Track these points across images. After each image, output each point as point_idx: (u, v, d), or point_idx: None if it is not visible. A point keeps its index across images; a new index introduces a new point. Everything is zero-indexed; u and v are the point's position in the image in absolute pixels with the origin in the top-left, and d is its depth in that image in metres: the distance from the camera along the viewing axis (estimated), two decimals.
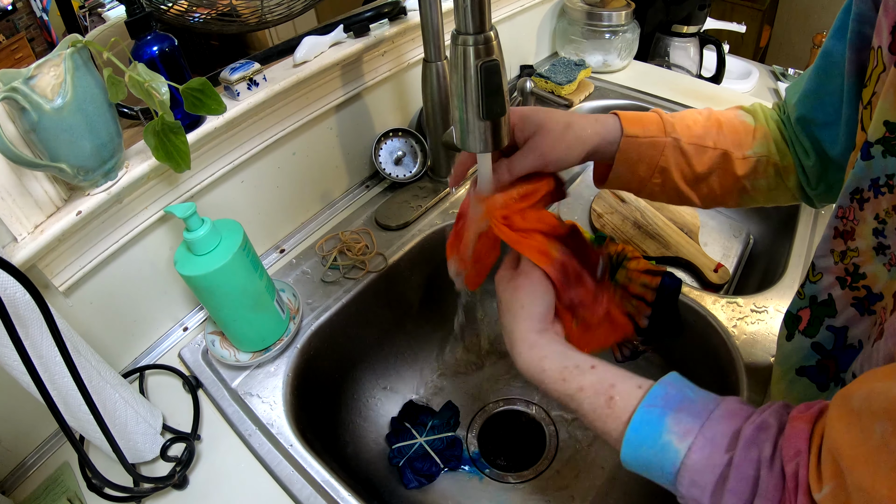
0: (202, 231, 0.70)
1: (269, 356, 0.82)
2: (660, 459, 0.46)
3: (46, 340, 0.59)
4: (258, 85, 0.83)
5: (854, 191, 0.49)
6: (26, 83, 0.60)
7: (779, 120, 0.70)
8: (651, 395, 0.49)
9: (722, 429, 0.45)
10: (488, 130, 0.61)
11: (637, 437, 0.48)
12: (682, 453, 0.45)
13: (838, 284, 0.52)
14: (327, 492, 0.69)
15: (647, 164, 0.68)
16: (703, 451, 0.44)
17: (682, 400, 0.48)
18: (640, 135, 0.68)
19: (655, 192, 0.71)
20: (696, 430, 0.45)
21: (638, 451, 0.48)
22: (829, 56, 0.58)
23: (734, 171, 0.68)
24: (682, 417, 0.46)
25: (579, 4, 1.43)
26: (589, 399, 0.52)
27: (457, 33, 0.57)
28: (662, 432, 0.46)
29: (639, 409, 0.48)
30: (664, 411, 0.47)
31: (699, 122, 0.70)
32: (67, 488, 0.73)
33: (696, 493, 0.44)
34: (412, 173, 1.09)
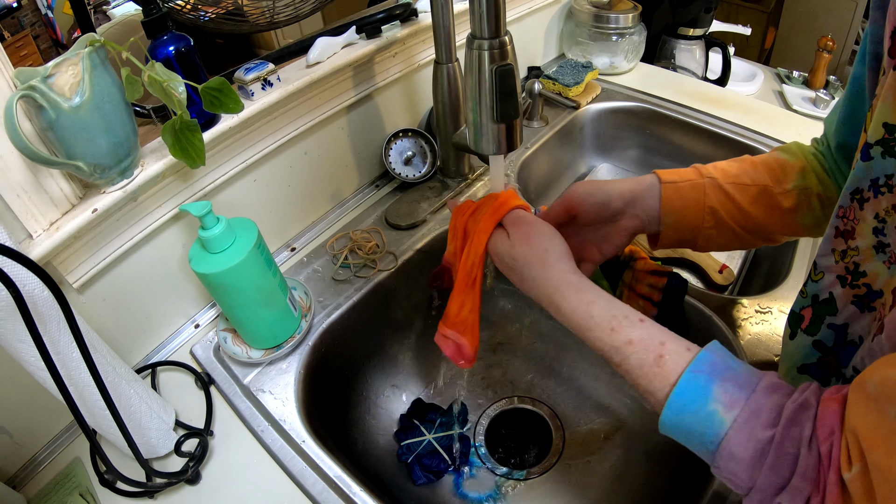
0: (217, 229, 0.70)
1: (281, 353, 0.83)
2: (703, 427, 0.46)
3: (64, 337, 0.60)
4: (272, 85, 0.84)
5: (854, 191, 0.50)
6: (44, 81, 0.60)
7: (816, 152, 0.70)
8: (698, 360, 0.48)
9: (767, 403, 0.44)
10: (502, 133, 0.62)
11: (682, 401, 0.47)
12: (728, 424, 0.44)
13: (839, 283, 0.53)
14: (340, 487, 0.70)
15: (694, 207, 0.68)
16: (748, 425, 0.44)
17: (727, 369, 0.47)
18: (678, 180, 0.68)
19: (713, 238, 0.70)
20: (742, 401, 0.45)
21: (680, 416, 0.47)
22: (857, 81, 0.58)
23: (780, 205, 0.67)
24: (729, 387, 0.46)
25: (587, 7, 1.44)
26: (637, 354, 0.51)
27: (472, 37, 0.57)
28: (709, 400, 0.46)
29: (686, 372, 0.47)
30: (711, 378, 0.47)
31: (733, 164, 0.70)
32: (79, 483, 0.74)
33: (734, 466, 0.44)
34: (422, 173, 1.10)
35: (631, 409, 1.00)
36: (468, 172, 1.12)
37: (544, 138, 1.29)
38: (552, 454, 0.96)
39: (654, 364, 0.49)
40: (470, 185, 1.12)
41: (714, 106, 1.33)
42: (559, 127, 1.33)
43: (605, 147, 1.46)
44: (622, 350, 0.52)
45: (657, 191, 0.69)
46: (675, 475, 0.89)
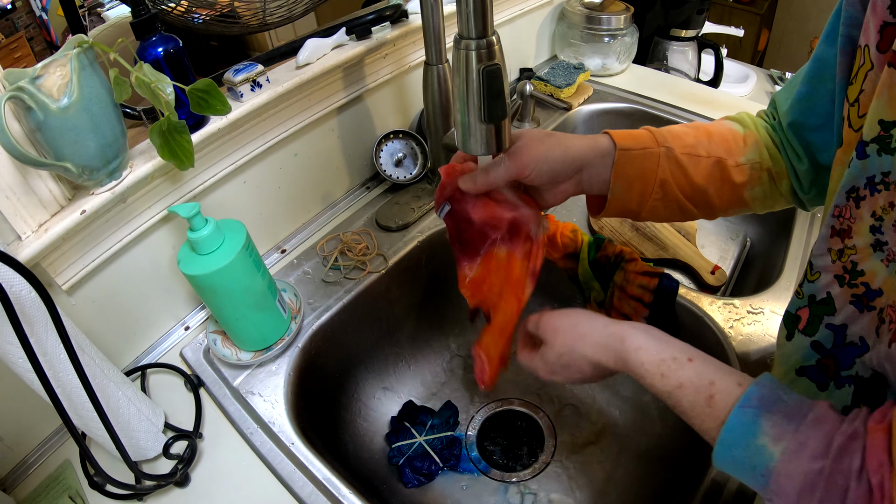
0: (206, 231, 0.70)
1: (271, 355, 0.83)
2: (752, 461, 0.46)
3: (51, 338, 0.60)
4: (261, 86, 0.83)
5: (850, 189, 0.49)
6: (33, 83, 0.60)
7: (767, 126, 0.70)
8: (746, 396, 0.49)
9: (815, 434, 0.44)
10: (490, 134, 0.62)
11: (731, 437, 0.48)
12: (776, 457, 0.45)
13: (836, 283, 0.52)
14: (329, 490, 0.70)
15: (645, 178, 0.67)
16: (796, 457, 0.44)
17: (776, 401, 0.48)
18: (634, 147, 0.67)
19: (657, 210, 0.69)
20: (790, 433, 0.45)
21: (731, 451, 0.48)
22: (820, 61, 0.59)
23: (731, 179, 0.67)
24: (777, 420, 0.46)
25: (579, 8, 1.44)
26: (688, 397, 0.52)
27: (459, 38, 0.57)
28: (757, 434, 0.46)
29: (735, 409, 0.48)
30: (758, 412, 0.47)
31: (689, 133, 0.69)
32: (69, 486, 0.74)
33: (783, 498, 0.44)
34: (412, 175, 1.10)
35: (622, 412, 1.00)
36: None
37: None
38: (544, 456, 0.96)
39: (706, 405, 0.51)
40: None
41: (706, 107, 1.33)
42: (551, 128, 1.33)
43: None
44: (674, 395, 0.53)
45: (610, 159, 0.67)
46: (666, 477, 0.89)
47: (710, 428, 0.50)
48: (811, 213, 1.05)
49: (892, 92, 0.43)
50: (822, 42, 0.58)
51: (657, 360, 0.55)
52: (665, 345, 0.56)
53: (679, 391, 0.53)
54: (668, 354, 0.55)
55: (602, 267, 0.85)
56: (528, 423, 1.01)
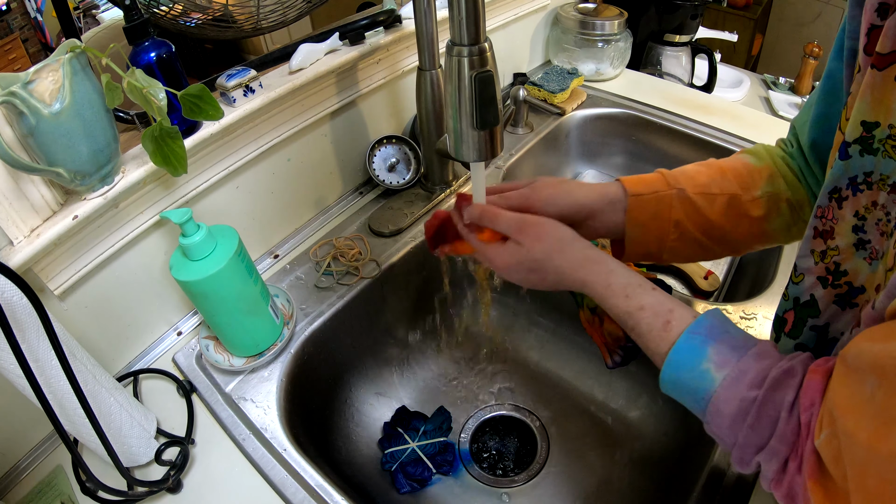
0: (198, 236, 0.70)
1: (263, 361, 0.83)
2: (696, 384, 0.49)
3: (43, 344, 0.59)
4: (254, 91, 0.83)
5: (832, 190, 0.50)
6: (24, 88, 0.60)
7: (784, 155, 0.70)
8: (696, 323, 0.52)
9: (755, 365, 0.47)
10: (482, 140, 0.62)
11: (679, 359, 0.51)
12: (717, 382, 0.48)
13: (820, 284, 0.53)
14: (321, 496, 0.70)
15: (659, 220, 0.68)
16: (735, 384, 0.47)
17: (723, 332, 0.51)
18: (645, 192, 0.68)
19: (677, 250, 0.71)
20: (732, 362, 0.48)
21: (677, 373, 0.51)
22: (831, 77, 0.58)
23: (748, 213, 0.68)
24: (723, 349, 0.49)
25: (572, 13, 1.45)
26: (647, 319, 0.55)
27: (452, 44, 0.58)
28: (703, 360, 0.49)
29: (683, 333, 0.51)
30: (707, 339, 0.50)
31: (702, 171, 0.70)
32: (61, 492, 0.73)
33: (720, 421, 0.48)
34: (405, 180, 1.10)
35: (616, 417, 1.00)
36: (452, 179, 1.12)
37: (529, 145, 1.29)
38: (537, 461, 0.96)
39: (662, 329, 0.54)
40: (454, 193, 1.12)
41: (700, 112, 1.33)
42: (544, 133, 1.33)
43: (590, 153, 1.46)
44: (634, 315, 0.56)
45: (622, 206, 0.69)
46: (660, 481, 0.89)
47: (661, 352, 0.53)
48: None
49: (875, 93, 0.43)
50: (832, 58, 0.58)
51: (624, 283, 0.58)
52: (634, 273, 0.60)
53: (639, 313, 0.56)
54: (634, 280, 0.58)
55: None
56: (521, 429, 1.01)
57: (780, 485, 0.45)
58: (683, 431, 0.90)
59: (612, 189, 0.70)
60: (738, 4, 2.96)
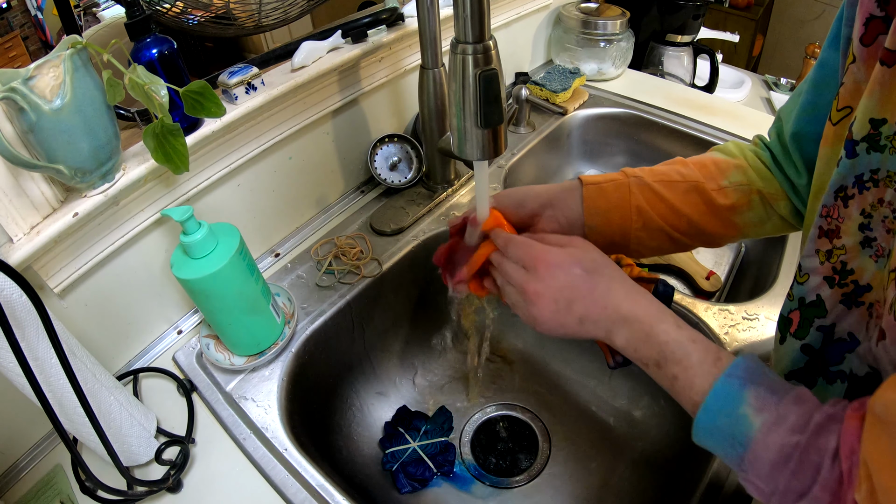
0: (199, 234, 0.70)
1: (264, 360, 0.82)
2: (733, 430, 0.47)
3: (42, 342, 0.59)
4: (256, 89, 0.83)
5: (838, 189, 0.49)
6: (25, 84, 0.60)
7: (757, 150, 0.70)
8: (734, 365, 0.49)
9: (795, 410, 0.45)
10: (486, 138, 0.61)
11: (717, 404, 0.48)
12: (756, 426, 0.45)
13: (826, 284, 0.52)
14: (322, 496, 0.69)
15: (619, 207, 0.67)
16: (775, 428, 0.45)
17: (761, 375, 0.48)
18: (601, 181, 0.68)
19: (643, 240, 0.69)
20: (772, 406, 0.46)
21: (715, 419, 0.48)
22: (825, 66, 0.58)
23: (715, 202, 0.67)
24: (761, 392, 0.47)
25: (575, 13, 1.44)
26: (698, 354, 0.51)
27: (456, 42, 0.57)
28: (741, 404, 0.47)
29: (721, 377, 0.49)
30: (744, 383, 0.48)
31: (662, 165, 0.70)
32: (60, 491, 0.73)
33: (758, 467, 0.45)
34: (407, 179, 1.09)
35: (617, 418, 1.00)
36: (454, 178, 1.12)
37: (531, 144, 1.29)
38: (538, 462, 0.95)
39: (713, 364, 0.50)
40: (456, 191, 1.12)
41: (702, 112, 1.33)
42: (546, 133, 1.33)
43: (592, 153, 1.46)
44: (685, 346, 0.52)
45: (579, 193, 0.68)
46: (662, 483, 0.89)
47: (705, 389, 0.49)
48: None
49: (884, 90, 0.43)
50: (826, 46, 0.57)
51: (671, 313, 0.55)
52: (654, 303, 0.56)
53: (692, 345, 0.52)
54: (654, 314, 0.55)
55: None
56: (522, 430, 1.00)
57: None
58: (686, 432, 0.89)
59: (569, 181, 0.70)
60: (740, 5, 2.96)
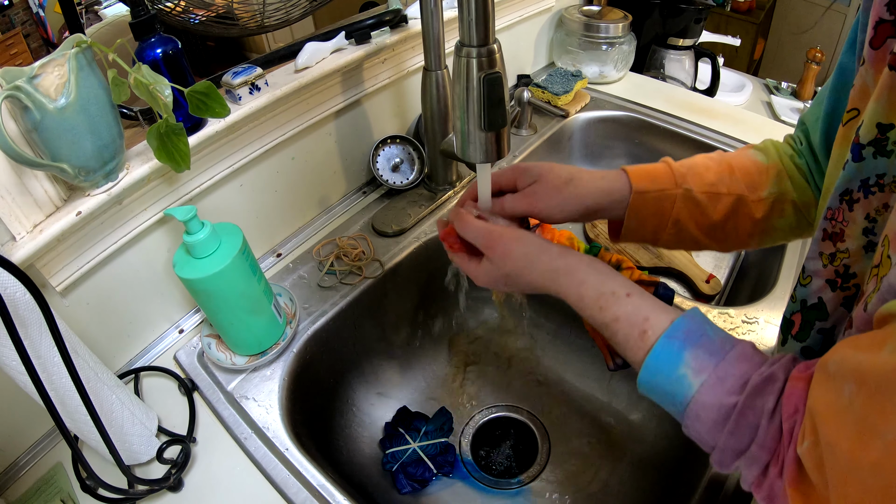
0: (202, 234, 0.70)
1: (266, 360, 0.82)
2: (673, 390, 0.49)
3: (45, 340, 0.59)
4: (260, 90, 0.83)
5: (843, 192, 0.49)
6: (30, 82, 0.60)
7: (792, 153, 0.69)
8: (674, 327, 0.51)
9: (734, 371, 0.47)
10: (489, 141, 0.61)
11: (656, 364, 0.50)
12: (695, 388, 0.47)
13: (828, 287, 0.52)
14: (323, 496, 0.69)
15: (659, 217, 0.68)
16: (713, 390, 0.47)
17: (701, 335, 0.50)
18: (650, 189, 0.68)
19: (671, 243, 0.71)
20: (710, 368, 0.47)
21: (654, 378, 0.50)
22: (843, 71, 0.58)
23: (752, 214, 0.67)
24: (700, 354, 0.48)
25: (577, 16, 1.45)
26: (623, 330, 0.54)
27: (461, 45, 0.57)
28: (680, 365, 0.49)
29: (661, 338, 0.51)
30: (684, 345, 0.49)
31: (711, 168, 0.69)
32: (60, 489, 0.73)
33: (698, 426, 0.48)
34: (409, 180, 1.10)
35: (617, 419, 1.00)
36: (456, 180, 1.12)
37: (533, 146, 1.29)
38: (538, 463, 0.95)
39: (639, 339, 0.53)
40: (458, 193, 1.12)
41: (703, 116, 1.33)
42: (548, 135, 1.33)
43: (593, 156, 1.46)
44: (611, 327, 0.55)
45: (626, 202, 0.69)
46: (661, 484, 0.89)
47: (639, 360, 0.52)
48: None
49: (892, 95, 0.43)
50: (844, 52, 0.57)
51: (597, 294, 0.57)
52: (607, 278, 0.58)
53: (615, 324, 0.55)
54: (607, 288, 0.57)
55: None
56: (522, 431, 1.00)
57: (761, 488, 0.45)
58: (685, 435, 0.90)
59: (618, 186, 0.69)
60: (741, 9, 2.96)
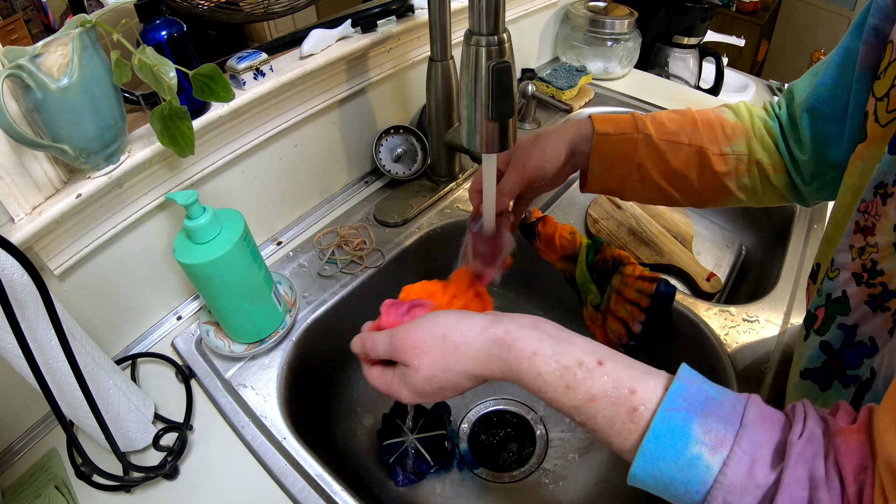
0: (203, 219, 0.69)
1: (264, 348, 0.82)
2: (685, 476, 0.39)
3: (42, 324, 0.58)
4: (264, 75, 0.82)
5: (878, 185, 0.48)
6: (32, 61, 0.59)
7: (766, 119, 0.70)
8: (671, 394, 0.41)
9: (760, 439, 0.38)
10: (496, 131, 0.61)
11: (657, 448, 0.40)
12: (716, 469, 0.38)
13: (853, 281, 0.51)
14: (320, 486, 0.69)
15: (622, 161, 0.71)
16: (742, 467, 0.37)
17: (706, 400, 0.41)
18: (612, 132, 0.70)
19: (638, 191, 0.73)
20: (730, 440, 0.38)
21: (657, 466, 0.40)
22: (847, 52, 0.59)
23: (712, 167, 0.69)
24: (712, 424, 0.39)
25: (583, 11, 1.44)
26: (604, 412, 0.43)
27: (470, 33, 0.56)
28: (690, 443, 0.39)
29: (658, 412, 0.41)
30: (689, 416, 0.40)
31: (673, 119, 0.71)
32: (55, 475, 0.72)
33: None
34: (411, 171, 1.09)
35: None
36: (458, 172, 1.11)
37: None
38: (536, 457, 0.95)
39: (628, 419, 0.42)
40: (460, 185, 1.11)
41: None
42: None
43: None
44: (584, 409, 0.44)
45: (590, 144, 0.72)
46: None
47: (633, 445, 0.42)
48: (808, 223, 1.05)
49: None
50: (850, 33, 0.58)
51: (559, 369, 0.45)
52: (565, 345, 0.47)
53: (591, 405, 0.44)
54: (571, 360, 0.46)
55: (599, 270, 0.85)
56: (520, 424, 1.00)
57: None
58: None
59: (584, 128, 0.72)
60: (746, 9, 2.96)
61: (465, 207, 1.06)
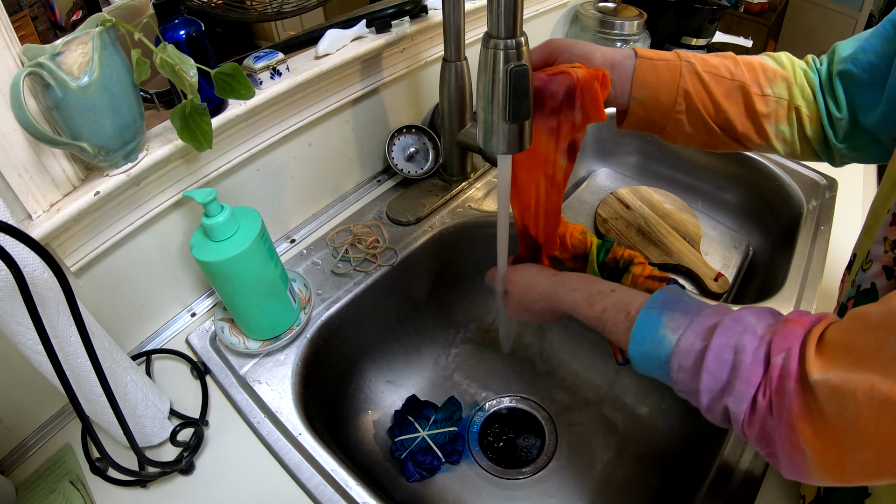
0: (221, 217, 0.70)
1: (279, 345, 0.82)
2: (657, 350, 0.54)
3: (63, 320, 0.59)
4: (281, 75, 0.83)
5: None
6: (53, 59, 0.59)
7: (807, 70, 0.69)
8: (652, 299, 0.58)
9: (706, 322, 0.52)
10: (513, 133, 0.61)
11: (640, 333, 0.56)
12: (673, 343, 0.53)
13: (884, 274, 0.51)
14: (336, 481, 0.69)
15: (668, 87, 0.68)
16: (689, 340, 0.51)
17: (677, 302, 0.56)
18: (655, 58, 0.69)
19: (681, 125, 0.70)
20: (685, 324, 0.53)
21: (641, 347, 0.56)
22: (893, 24, 0.59)
23: (754, 106, 0.67)
24: (676, 315, 0.54)
25: (592, 12, 1.44)
26: (611, 318, 0.61)
27: (488, 37, 0.57)
28: (659, 327, 0.54)
29: (641, 310, 0.57)
30: (662, 311, 0.55)
31: (714, 57, 0.70)
32: (69, 470, 0.73)
33: (682, 375, 0.52)
34: (424, 170, 1.09)
35: (624, 413, 1.00)
36: (470, 171, 1.12)
37: None
38: (545, 454, 0.96)
39: (624, 319, 0.60)
40: (472, 185, 1.12)
41: None
42: None
43: (605, 152, 1.46)
44: (601, 318, 0.63)
45: (632, 63, 0.69)
46: (667, 477, 0.89)
47: (628, 337, 0.58)
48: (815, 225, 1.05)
49: None
50: None
51: (587, 295, 0.66)
52: (595, 282, 0.68)
53: (604, 314, 0.63)
54: (595, 289, 0.66)
55: (610, 270, 0.85)
56: (530, 422, 1.01)
57: (752, 426, 0.47)
58: (692, 429, 0.90)
59: (627, 51, 0.71)
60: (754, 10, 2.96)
61: (477, 206, 1.07)
